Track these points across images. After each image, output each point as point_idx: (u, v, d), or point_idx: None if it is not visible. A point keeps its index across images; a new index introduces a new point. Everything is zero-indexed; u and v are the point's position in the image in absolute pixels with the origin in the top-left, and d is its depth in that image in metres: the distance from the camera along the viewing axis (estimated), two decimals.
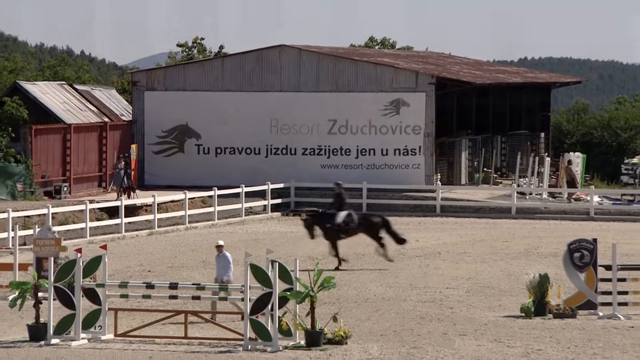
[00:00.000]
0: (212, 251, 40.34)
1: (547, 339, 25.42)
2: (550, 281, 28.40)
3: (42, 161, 54.89)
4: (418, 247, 41.98)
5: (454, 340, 25.18)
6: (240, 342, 24.53)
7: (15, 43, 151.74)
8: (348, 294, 30.67)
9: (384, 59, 63.97)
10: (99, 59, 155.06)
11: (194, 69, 62.50)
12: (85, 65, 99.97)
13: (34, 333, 25.31)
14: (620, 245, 30.17)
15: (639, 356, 23.73)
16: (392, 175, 57.87)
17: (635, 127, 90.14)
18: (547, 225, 50.86)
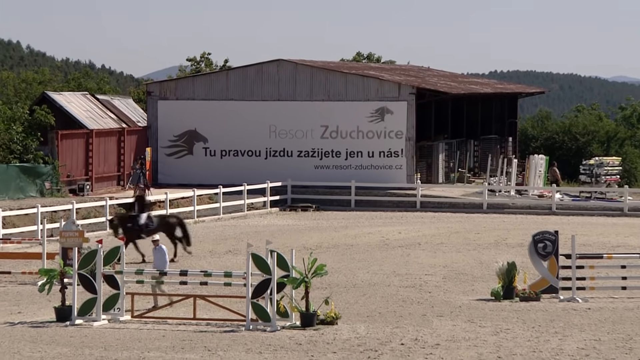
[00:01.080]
0: (219, 242, 40.62)
1: (514, 320, 25.48)
2: (517, 268, 28.49)
3: (67, 162, 54.89)
4: (400, 239, 42.03)
5: (432, 321, 25.23)
6: (242, 322, 24.58)
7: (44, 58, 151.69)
8: (338, 280, 30.71)
9: (370, 72, 63.99)
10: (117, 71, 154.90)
11: (202, 81, 62.48)
12: (105, 77, 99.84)
13: (60, 314, 25.37)
14: (579, 236, 30.26)
15: (595, 334, 23.78)
16: (377, 175, 57.91)
17: (592, 132, 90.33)
18: (515, 219, 50.93)
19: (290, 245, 31.32)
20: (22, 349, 22.56)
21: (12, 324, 25.21)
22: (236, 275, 25.24)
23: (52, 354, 22.04)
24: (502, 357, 21.67)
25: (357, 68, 67.58)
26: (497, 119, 71.59)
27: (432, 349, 22.30)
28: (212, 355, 21.91)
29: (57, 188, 52.90)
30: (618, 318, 25.76)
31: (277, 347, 22.63)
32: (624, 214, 53.18)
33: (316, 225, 47.64)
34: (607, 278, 29.01)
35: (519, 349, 22.34)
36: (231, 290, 25.47)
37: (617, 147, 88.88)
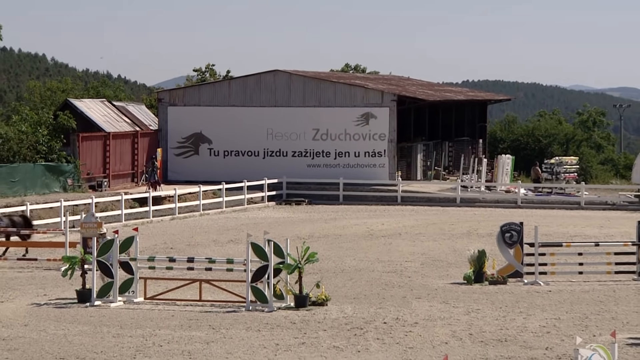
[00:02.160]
0: (222, 232, 40.61)
1: (484, 301, 25.52)
2: (487, 255, 28.52)
3: (87, 161, 54.89)
4: (383, 229, 42.05)
5: (411, 302, 25.25)
6: (243, 303, 24.59)
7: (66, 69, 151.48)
8: (328, 266, 30.73)
9: (356, 81, 64.03)
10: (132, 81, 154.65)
11: (207, 89, 62.51)
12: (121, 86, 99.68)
13: (81, 296, 25.35)
14: (541, 227, 30.31)
15: (555, 314, 23.82)
16: (362, 173, 57.96)
17: (553, 135, 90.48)
18: (484, 211, 51.00)
19: (285, 235, 31.33)
20: (47, 327, 22.57)
21: (38, 304, 25.21)
22: (237, 262, 25.25)
23: (74, 332, 22.04)
24: (473, 334, 21.70)
25: (344, 78, 67.62)
26: (469, 123, 71.68)
27: (411, 327, 22.33)
28: (216, 332, 21.92)
29: (78, 184, 52.92)
30: (575, 299, 25.83)
31: (274, 325, 22.65)
32: (580, 207, 53.29)
33: (308, 217, 47.67)
34: (566, 264, 29.06)
35: (488, 327, 22.39)
36: (233, 275, 25.47)
37: (575, 148, 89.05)
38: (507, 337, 21.44)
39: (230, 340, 21.16)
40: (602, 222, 45.34)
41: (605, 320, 23.15)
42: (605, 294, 26.66)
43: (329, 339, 21.27)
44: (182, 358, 19.61)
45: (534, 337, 21.47)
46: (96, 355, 19.83)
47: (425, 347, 20.49)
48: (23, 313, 24.17)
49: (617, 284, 28.00)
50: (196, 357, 19.66)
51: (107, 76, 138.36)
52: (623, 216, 47.86)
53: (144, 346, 20.66)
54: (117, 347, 20.54)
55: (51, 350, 20.30)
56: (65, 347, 20.65)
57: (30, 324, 22.85)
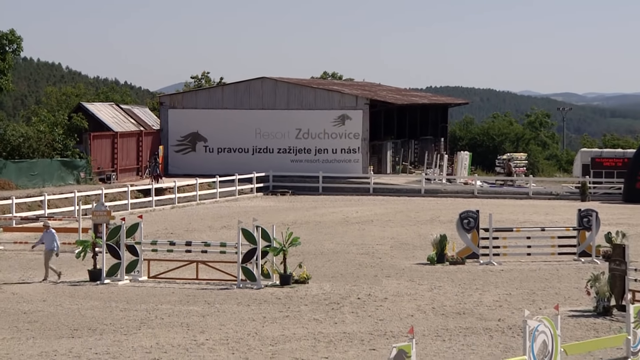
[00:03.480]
0: (216, 219, 40.56)
1: (445, 279, 25.59)
2: (447, 239, 28.61)
3: (97, 157, 54.72)
4: (357, 217, 42.10)
5: (381, 280, 25.31)
6: (234, 282, 24.60)
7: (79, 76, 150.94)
8: (309, 249, 30.74)
9: (333, 87, 63.98)
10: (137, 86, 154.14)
11: (203, 94, 62.40)
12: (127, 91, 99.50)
13: (92, 276, 25.33)
14: (495, 214, 30.40)
15: (507, 290, 23.90)
16: (339, 167, 57.95)
17: (505, 134, 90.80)
18: (446, 201, 51.10)
19: (272, 221, 31.33)
20: (63, 302, 22.53)
21: (54, 282, 25.16)
22: (229, 245, 25.25)
23: (87, 306, 22.01)
24: (436, 307, 21.75)
25: (323, 84, 67.58)
26: (432, 124, 71.76)
27: (382, 302, 22.38)
28: (211, 307, 21.91)
29: (89, 177, 52.74)
30: (524, 277, 25.94)
31: (262, 301, 22.66)
32: (529, 197, 53.43)
33: (292, 206, 47.67)
34: (516, 246, 29.17)
35: (448, 302, 22.45)
36: (225, 257, 25.47)
37: (524, 146, 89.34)
38: (465, 310, 21.51)
39: (223, 314, 21.16)
40: (547, 210, 45.52)
41: (549, 295, 23.27)
42: (550, 272, 26.79)
43: (309, 312, 21.29)
44: (181, 329, 19.60)
45: (488, 310, 21.55)
46: (106, 327, 19.80)
47: (393, 319, 20.54)
48: (41, 290, 24.12)
49: (560, 264, 28.14)
50: (194, 329, 19.65)
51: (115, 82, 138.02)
52: (565, 205, 48.05)
53: (148, 319, 20.64)
54: (124, 320, 20.52)
55: (66, 322, 20.28)
56: (78, 319, 20.62)
57: (48, 300, 22.81)
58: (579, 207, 32.76)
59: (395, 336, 18.73)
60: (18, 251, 31.14)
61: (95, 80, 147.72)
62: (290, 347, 18.03)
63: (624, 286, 20.90)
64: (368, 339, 18.67)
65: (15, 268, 27.62)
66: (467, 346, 18.12)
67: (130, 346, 18.11)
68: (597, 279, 21.25)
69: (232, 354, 17.58)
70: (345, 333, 19.18)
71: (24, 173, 49.78)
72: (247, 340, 18.58)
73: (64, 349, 17.95)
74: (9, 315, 21.02)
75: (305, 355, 17.43)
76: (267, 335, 19.00)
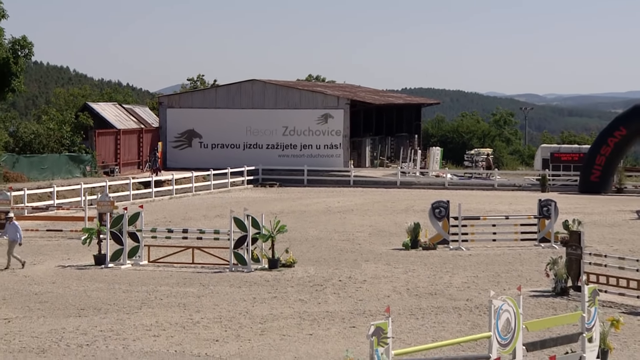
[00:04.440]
0: (210, 209, 40.49)
1: (419, 263, 25.64)
2: (421, 227, 28.64)
3: (102, 152, 54.56)
4: (339, 206, 42.12)
5: (361, 264, 25.33)
6: (227, 266, 24.58)
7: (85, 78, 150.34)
8: (295, 236, 30.73)
9: (317, 88, 63.95)
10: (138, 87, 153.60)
11: (198, 95, 62.24)
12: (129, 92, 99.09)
13: (97, 260, 25.26)
14: (463, 204, 30.47)
15: (474, 272, 23.94)
16: (323, 161, 57.92)
17: (472, 131, 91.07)
18: (419, 192, 51.14)
19: (261, 211, 31.31)
20: (70, 284, 22.47)
21: (63, 266, 25.08)
22: (222, 232, 25.22)
23: (92, 288, 21.96)
24: (410, 289, 21.80)
25: (308, 85, 67.52)
26: (407, 122, 71.80)
27: (361, 284, 22.41)
28: (205, 289, 21.90)
29: (95, 171, 52.61)
30: (490, 261, 26.01)
31: (252, 283, 22.65)
32: (494, 188, 53.55)
33: (279, 197, 47.65)
34: (483, 233, 29.24)
35: (421, 283, 22.50)
36: (219, 243, 25.44)
37: (490, 142, 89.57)
38: (436, 291, 21.56)
39: (217, 295, 21.15)
40: (511, 200, 45.65)
41: (513, 277, 23.35)
42: (513, 256, 26.88)
43: (295, 293, 21.30)
44: (178, 309, 19.58)
45: (457, 291, 21.61)
46: (110, 307, 19.77)
47: (372, 299, 20.57)
48: (51, 273, 24.04)
49: (522, 249, 28.24)
50: (190, 308, 19.63)
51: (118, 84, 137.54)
52: (527, 195, 48.19)
53: (148, 299, 20.61)
54: (127, 300, 20.49)
55: (74, 303, 20.23)
56: (85, 300, 20.58)
57: (57, 282, 22.75)
58: (539, 197, 32.87)
59: (373, 315, 18.76)
60: (29, 238, 31.01)
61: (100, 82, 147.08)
62: (277, 325, 18.04)
63: (580, 269, 21.00)
64: (349, 318, 18.70)
65: (26, 253, 27.51)
66: (438, 324, 18.17)
67: (132, 324, 18.10)
68: (555, 262, 21.34)
69: (225, 331, 17.58)
70: (328, 312, 19.20)
71: (35, 167, 49.64)
72: (238, 319, 18.59)
73: (71, 326, 17.93)
74: (21, 296, 20.96)
75: (292, 332, 17.44)
76: (257, 314, 19.01)
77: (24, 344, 16.59)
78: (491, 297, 13.58)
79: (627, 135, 49.76)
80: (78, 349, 16.27)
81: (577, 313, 15.28)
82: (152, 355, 15.81)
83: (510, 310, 13.64)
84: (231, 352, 16.00)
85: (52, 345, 16.54)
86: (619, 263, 21.20)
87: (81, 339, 16.91)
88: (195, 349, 16.23)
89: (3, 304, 20.20)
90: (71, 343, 16.65)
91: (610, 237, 31.06)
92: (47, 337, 17.06)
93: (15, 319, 18.67)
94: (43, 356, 15.77)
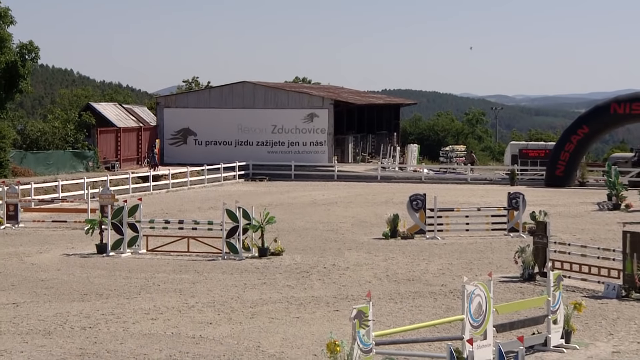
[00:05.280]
0: (204, 201, 40.42)
1: (397, 251, 25.66)
2: (399, 218, 28.66)
3: (103, 149, 54.37)
4: (323, 199, 42.13)
5: (344, 253, 25.33)
6: (219, 254, 24.53)
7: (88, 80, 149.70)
8: (283, 226, 30.71)
9: (303, 89, 63.91)
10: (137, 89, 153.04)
11: (193, 95, 62.13)
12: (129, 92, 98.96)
13: (99, 249, 25.16)
14: (439, 197, 30.51)
15: (449, 260, 23.97)
16: (308, 157, 57.90)
17: (447, 129, 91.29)
18: (398, 186, 51.17)
19: (251, 203, 31.27)
20: (74, 271, 22.40)
21: (67, 255, 25.00)
22: (216, 223, 25.17)
23: (94, 275, 21.90)
24: (390, 275, 21.83)
25: (295, 87, 67.47)
26: (386, 121, 71.81)
27: (344, 271, 22.42)
28: (200, 275, 21.87)
29: (97, 166, 52.43)
30: (463, 249, 26.06)
31: (243, 270, 22.63)
32: (467, 182, 53.68)
33: (268, 190, 47.61)
34: (456, 224, 29.29)
35: (400, 270, 22.53)
36: (212, 233, 25.40)
37: (463, 139, 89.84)
38: (414, 277, 21.60)
39: (210, 281, 21.12)
40: (482, 193, 45.76)
41: (484, 264, 23.40)
42: (484, 245, 26.94)
43: (283, 279, 21.30)
44: (174, 294, 19.55)
45: (433, 277, 21.65)
46: (111, 292, 19.72)
47: (354, 285, 20.59)
48: (56, 261, 23.97)
49: (493, 238, 28.30)
50: (185, 294, 19.60)
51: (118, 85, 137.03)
52: (498, 189, 48.31)
53: (146, 285, 20.57)
54: (127, 286, 20.44)
55: (77, 288, 20.17)
56: (87, 285, 20.52)
57: (62, 269, 22.67)
58: (509, 190, 32.96)
59: (355, 299, 18.78)
60: (36, 228, 30.92)
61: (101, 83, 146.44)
62: (267, 309, 18.04)
63: (545, 256, 21.08)
64: (332, 302, 18.71)
65: (34, 242, 27.43)
66: (416, 307, 18.21)
67: (131, 308, 18.06)
68: (523, 250, 21.41)
69: (218, 314, 17.57)
70: (313, 297, 19.21)
71: (41, 162, 49.46)
72: (230, 303, 18.57)
73: (75, 310, 17.88)
74: (28, 282, 20.89)
75: (280, 316, 17.45)
76: (248, 299, 19.00)
77: (31, 327, 16.54)
78: (464, 282, 13.62)
79: (589, 133, 49.96)
80: (81, 331, 16.23)
81: (543, 297, 15.35)
82: (150, 336, 15.79)
83: (481, 294, 13.68)
84: (224, 334, 16.00)
85: (57, 327, 16.50)
86: (581, 251, 21.30)
87: (84, 322, 16.87)
88: (190, 331, 16.21)
89: (12, 289, 20.14)
90: (75, 326, 16.61)
91: (573, 227, 31.19)
92: (53, 320, 17.01)
93: (23, 303, 18.60)
94: (49, 338, 15.73)
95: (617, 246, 20.53)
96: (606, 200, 38.24)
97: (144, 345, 15.14)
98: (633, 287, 19.27)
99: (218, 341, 15.47)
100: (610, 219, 33.57)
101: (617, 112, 49.28)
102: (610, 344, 15.43)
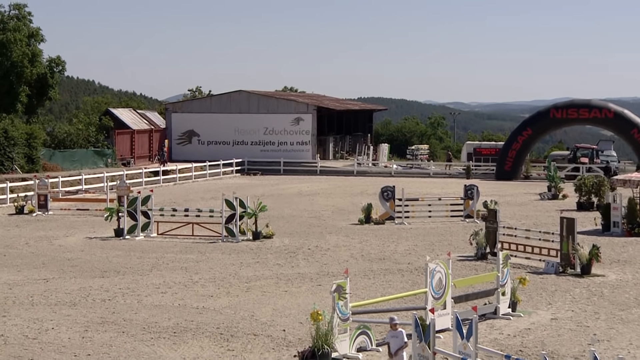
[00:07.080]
0: (206, 192, 40.27)
1: (371, 234, 25.68)
2: (372, 206, 28.69)
3: (120, 148, 54.02)
4: (308, 191, 42.09)
5: (325, 236, 25.34)
6: (219, 237, 24.48)
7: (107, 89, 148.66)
8: (273, 214, 30.66)
9: (291, 97, 63.75)
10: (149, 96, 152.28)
11: (197, 102, 61.85)
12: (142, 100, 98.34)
13: (117, 233, 25.07)
14: (406, 188, 30.58)
15: (414, 242, 24.04)
16: (295, 155, 57.78)
17: (413, 131, 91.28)
18: (370, 179, 51.15)
19: (246, 194, 31.22)
20: (95, 252, 22.29)
21: (90, 238, 24.87)
22: (216, 211, 25.12)
23: (113, 255, 21.80)
24: (364, 254, 21.85)
25: (284, 95, 67.31)
26: (361, 124, 71.71)
27: (326, 251, 22.43)
28: (203, 255, 21.82)
29: (114, 162, 52.09)
30: (426, 233, 26.13)
31: (239, 251, 22.60)
32: (430, 176, 53.73)
33: (261, 183, 47.52)
34: (421, 211, 29.35)
35: (373, 250, 22.56)
36: (213, 219, 25.35)
37: (427, 140, 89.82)
38: (384, 256, 21.64)
39: (211, 260, 21.08)
40: (443, 185, 45.84)
41: (444, 245, 23.48)
42: (444, 229, 27.02)
43: (274, 259, 21.29)
44: (181, 271, 19.50)
45: (401, 256, 21.70)
46: (127, 269, 19.65)
47: (334, 263, 20.61)
48: (80, 243, 23.85)
49: (452, 224, 28.38)
50: (190, 271, 19.56)
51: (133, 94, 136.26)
52: (456, 182, 48.43)
53: (157, 264, 20.51)
54: (140, 265, 20.37)
55: (98, 266, 20.09)
56: (107, 264, 20.44)
57: (85, 250, 22.56)
58: (465, 183, 33.05)
59: (335, 275, 18.80)
60: (63, 215, 30.74)
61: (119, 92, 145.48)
62: (260, 284, 18.03)
63: (496, 239, 21.18)
64: (316, 278, 18.73)
65: (61, 227, 27.28)
66: (386, 282, 18.25)
67: (144, 283, 18.01)
68: (477, 234, 21.50)
69: (218, 289, 17.55)
70: (299, 274, 19.21)
71: (67, 159, 49.16)
72: (228, 279, 18.55)
73: (96, 285, 17.81)
74: (57, 261, 20.78)
75: (271, 289, 17.45)
76: (243, 275, 18.98)
77: (59, 299, 16.47)
78: (427, 261, 13.65)
79: (532, 134, 50.21)
80: (102, 302, 16.17)
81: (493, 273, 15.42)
82: (161, 307, 15.75)
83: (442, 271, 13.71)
84: (223, 305, 15.98)
85: (81, 300, 16.43)
86: (525, 234, 21.41)
87: (104, 295, 16.81)
88: (195, 302, 16.19)
89: (42, 267, 20.04)
90: (96, 298, 16.55)
91: (519, 213, 31.33)
92: (77, 294, 16.94)
93: (52, 279, 18.52)
94: (74, 308, 15.67)
95: (555, 230, 20.66)
96: (546, 191, 38.45)
97: (155, 315, 15.11)
98: (568, 264, 19.41)
99: (218, 311, 15.45)
100: (549, 207, 33.75)
101: (556, 117, 49.57)
102: (549, 312, 15.53)
